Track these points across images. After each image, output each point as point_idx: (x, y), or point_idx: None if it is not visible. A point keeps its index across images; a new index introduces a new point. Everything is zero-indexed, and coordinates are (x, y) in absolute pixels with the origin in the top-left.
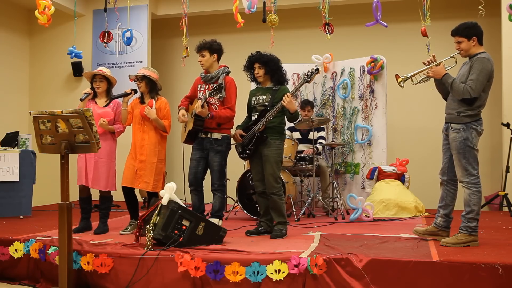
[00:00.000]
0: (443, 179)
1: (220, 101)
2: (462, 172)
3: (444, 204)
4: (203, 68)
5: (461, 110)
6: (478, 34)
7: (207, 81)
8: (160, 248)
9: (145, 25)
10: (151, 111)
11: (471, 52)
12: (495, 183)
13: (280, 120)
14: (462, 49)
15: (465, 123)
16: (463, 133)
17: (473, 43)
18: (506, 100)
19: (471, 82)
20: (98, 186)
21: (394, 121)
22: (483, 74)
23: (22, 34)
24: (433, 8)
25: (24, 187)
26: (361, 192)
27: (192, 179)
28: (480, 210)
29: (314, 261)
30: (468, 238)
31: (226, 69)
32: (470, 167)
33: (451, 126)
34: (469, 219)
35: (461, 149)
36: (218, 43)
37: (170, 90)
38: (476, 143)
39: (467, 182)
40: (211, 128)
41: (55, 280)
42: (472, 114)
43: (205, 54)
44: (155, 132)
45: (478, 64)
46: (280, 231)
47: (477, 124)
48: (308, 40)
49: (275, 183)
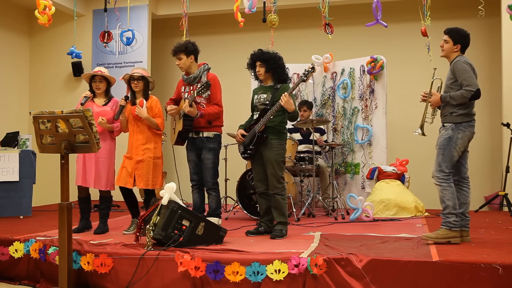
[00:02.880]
0: (454, 180)
1: (207, 99)
2: (435, 167)
3: (459, 203)
4: (181, 70)
5: (453, 110)
6: (465, 44)
7: (190, 82)
8: (160, 248)
9: (145, 25)
10: (142, 110)
11: (450, 57)
12: (495, 183)
13: (281, 119)
14: (444, 49)
15: (456, 123)
16: (450, 131)
17: (456, 49)
18: (506, 100)
19: (464, 82)
20: (98, 186)
21: (394, 121)
22: (467, 71)
23: (22, 34)
24: (433, 8)
25: (24, 187)
26: (361, 192)
27: (195, 177)
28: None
29: (314, 261)
30: (449, 234)
31: (207, 66)
32: (444, 165)
33: (444, 125)
34: (446, 214)
35: (442, 145)
36: (193, 43)
37: (170, 90)
38: (461, 145)
39: (438, 177)
40: (201, 127)
41: (55, 280)
42: (464, 114)
43: (182, 57)
44: (149, 131)
45: (458, 67)
46: (280, 231)
47: (467, 126)
48: (308, 40)
49: (278, 183)
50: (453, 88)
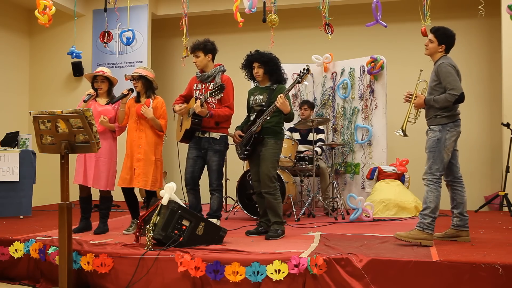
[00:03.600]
0: (447, 180)
1: (218, 99)
2: (426, 169)
3: (455, 204)
4: (197, 68)
5: (438, 113)
6: (449, 44)
7: (204, 80)
8: (160, 248)
9: (145, 25)
10: (148, 110)
11: (434, 56)
12: (495, 183)
13: (278, 119)
14: (428, 48)
15: (442, 124)
16: (438, 133)
17: (440, 49)
18: (506, 100)
19: (449, 85)
20: (98, 185)
21: (394, 121)
22: (451, 74)
23: (22, 34)
24: (433, 8)
25: (24, 187)
26: (361, 192)
27: (189, 178)
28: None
29: (314, 261)
30: (421, 235)
31: (222, 68)
32: (435, 167)
33: (430, 127)
34: (424, 215)
35: (432, 148)
36: (212, 42)
37: (170, 90)
38: (450, 146)
39: (427, 179)
40: (209, 127)
41: (55, 280)
42: (449, 115)
43: (200, 54)
44: (152, 130)
45: (442, 70)
46: (276, 232)
47: (453, 126)
48: (308, 40)
49: (270, 182)
50: (437, 90)
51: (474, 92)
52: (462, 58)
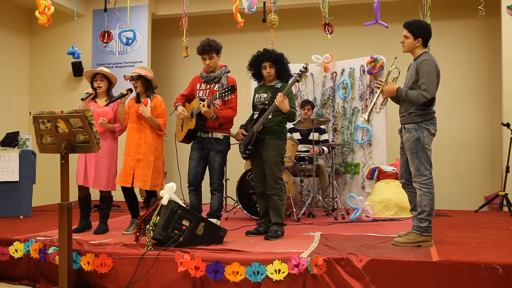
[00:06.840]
0: (402, 182)
1: (223, 100)
2: (414, 172)
3: (413, 206)
4: (209, 69)
5: (412, 111)
6: (425, 36)
7: (209, 81)
8: (160, 248)
9: (145, 25)
10: (145, 109)
11: (413, 52)
12: (495, 183)
13: (280, 119)
14: (405, 45)
15: (417, 123)
16: (414, 132)
17: (417, 43)
18: (506, 100)
19: (424, 85)
20: (99, 186)
21: (394, 121)
22: (432, 75)
23: (22, 34)
24: (433, 8)
25: (24, 187)
26: (361, 192)
27: (192, 179)
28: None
29: (314, 261)
30: (419, 238)
31: (228, 69)
32: (423, 167)
33: (404, 127)
34: (420, 219)
35: (413, 149)
36: (219, 42)
37: (170, 90)
38: (429, 143)
39: (419, 182)
40: (212, 127)
41: (55, 280)
42: (423, 113)
43: (214, 56)
44: (151, 130)
45: (424, 67)
46: (275, 232)
47: (429, 124)
48: (308, 40)
49: (275, 184)
50: (414, 88)
51: (474, 92)
52: (462, 58)
